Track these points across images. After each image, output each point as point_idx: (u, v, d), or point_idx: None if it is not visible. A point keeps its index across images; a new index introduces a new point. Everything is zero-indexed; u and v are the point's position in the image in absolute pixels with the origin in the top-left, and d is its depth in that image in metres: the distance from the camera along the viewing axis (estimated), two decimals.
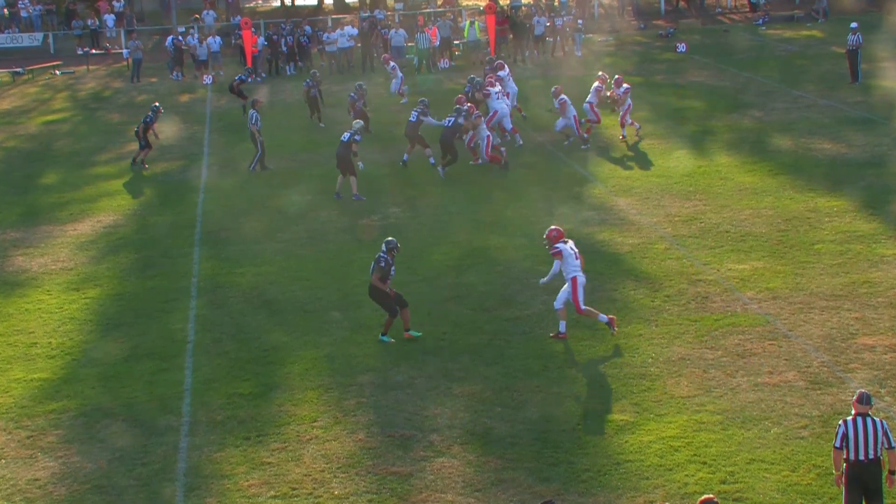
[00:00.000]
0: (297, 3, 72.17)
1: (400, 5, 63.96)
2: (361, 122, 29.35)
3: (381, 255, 19.15)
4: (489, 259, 23.26)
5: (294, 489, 14.70)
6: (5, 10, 62.50)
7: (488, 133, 30.30)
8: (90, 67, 53.32)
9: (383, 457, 15.46)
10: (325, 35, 50.61)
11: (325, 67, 49.52)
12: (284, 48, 49.60)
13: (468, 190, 28.64)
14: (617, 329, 19.08)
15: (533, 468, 14.96)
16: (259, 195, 28.91)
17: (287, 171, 31.08)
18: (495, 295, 21.27)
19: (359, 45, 50.42)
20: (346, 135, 27.98)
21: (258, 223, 26.43)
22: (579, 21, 51.90)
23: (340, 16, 60.44)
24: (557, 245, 19.12)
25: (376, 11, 57.22)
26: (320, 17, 60.91)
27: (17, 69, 51.61)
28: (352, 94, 34.49)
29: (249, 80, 36.92)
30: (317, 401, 17.24)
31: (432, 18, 53.52)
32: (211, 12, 58.71)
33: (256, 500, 14.49)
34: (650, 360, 18.09)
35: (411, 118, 30.48)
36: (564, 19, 51.90)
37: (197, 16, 58.19)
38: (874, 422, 12.45)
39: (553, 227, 19.63)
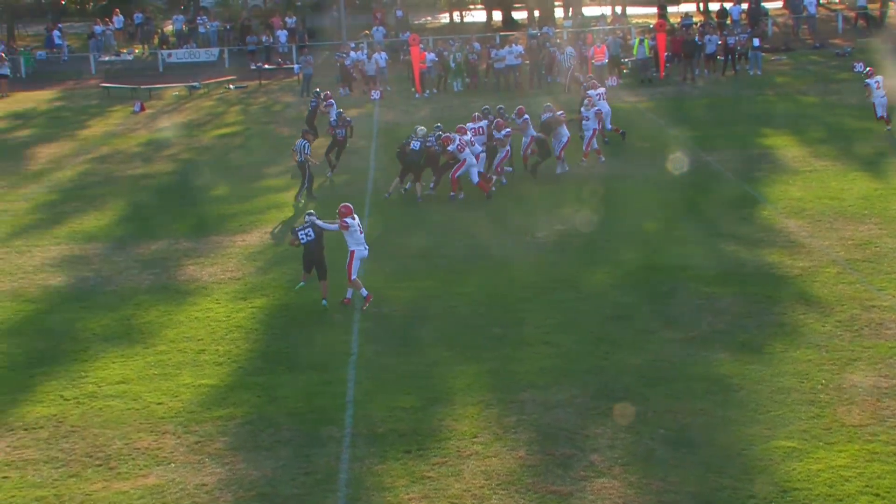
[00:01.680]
0: (465, 19, 72.63)
1: (569, 23, 63.84)
2: (423, 128, 30.84)
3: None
4: (653, 278, 22.93)
5: None
6: (185, 27, 64.48)
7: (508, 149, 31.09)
8: (262, 82, 54.54)
9: (543, 475, 15.33)
10: (494, 52, 50.80)
11: (492, 84, 49.70)
12: (453, 65, 49.92)
13: (633, 207, 28.34)
14: (367, 306, 21.50)
15: (696, 493, 14.65)
16: (423, 210, 29.07)
17: (449, 187, 31.15)
18: (659, 315, 20.96)
19: (526, 62, 50.47)
20: (415, 143, 29.62)
21: (421, 238, 26.57)
22: (755, 40, 50.83)
23: (509, 33, 60.58)
24: (346, 219, 21.84)
25: (545, 28, 57.18)
26: (488, 34, 61.16)
27: (194, 83, 53.10)
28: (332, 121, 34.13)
29: (316, 102, 36.66)
30: (477, 416, 17.20)
31: (601, 36, 53.23)
32: (380, 28, 59.53)
33: None
34: (820, 386, 17.58)
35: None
36: (737, 38, 51.02)
37: (367, 32, 59.08)
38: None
39: (344, 203, 22.19)
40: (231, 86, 53.70)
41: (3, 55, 56.10)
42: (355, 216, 22.16)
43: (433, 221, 27.98)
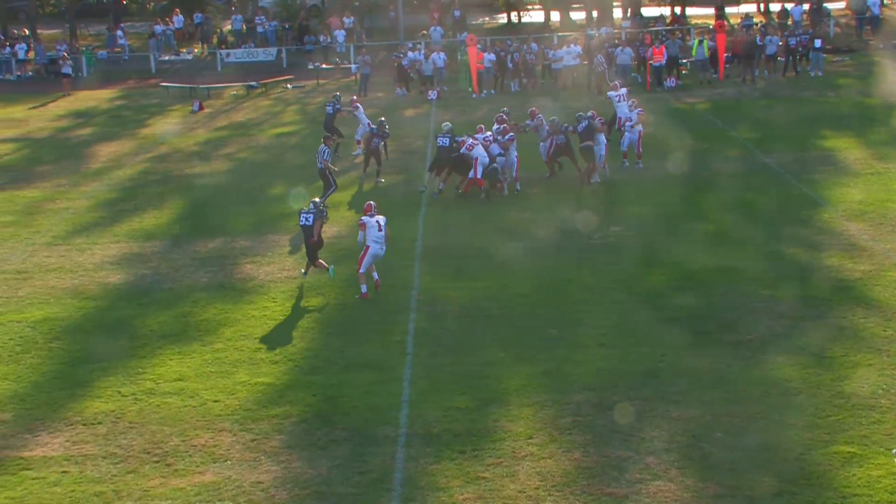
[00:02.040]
0: (523, 20, 72.53)
1: (627, 23, 63.54)
2: (449, 123, 31.23)
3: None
4: (710, 281, 22.75)
5: None
6: (243, 26, 64.88)
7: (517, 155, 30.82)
8: (320, 81, 54.74)
9: (598, 477, 15.27)
10: (551, 52, 50.67)
11: (549, 85, 49.58)
12: (510, 65, 49.85)
13: (690, 209, 28.16)
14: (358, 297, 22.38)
15: (753, 497, 14.54)
16: (479, 211, 29.04)
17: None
18: (715, 318, 20.80)
19: (584, 62, 50.30)
20: (443, 139, 30.30)
21: (477, 238, 26.53)
22: (817, 41, 50.23)
23: (567, 33, 60.38)
24: (364, 217, 22.51)
25: (603, 29, 56.95)
26: (546, 35, 61.02)
27: (252, 83, 53.39)
28: (372, 128, 33.60)
29: (332, 107, 36.43)
30: (532, 417, 17.15)
31: (660, 36, 52.91)
32: (438, 28, 59.54)
33: None
34: (881, 391, 17.37)
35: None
36: (798, 38, 50.51)
37: (425, 32, 59.12)
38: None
39: (368, 202, 22.90)
40: (289, 85, 53.94)
41: (66, 54, 56.69)
42: (374, 214, 22.61)
43: (489, 222, 27.92)
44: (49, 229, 29.20)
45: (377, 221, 22.63)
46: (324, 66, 57.00)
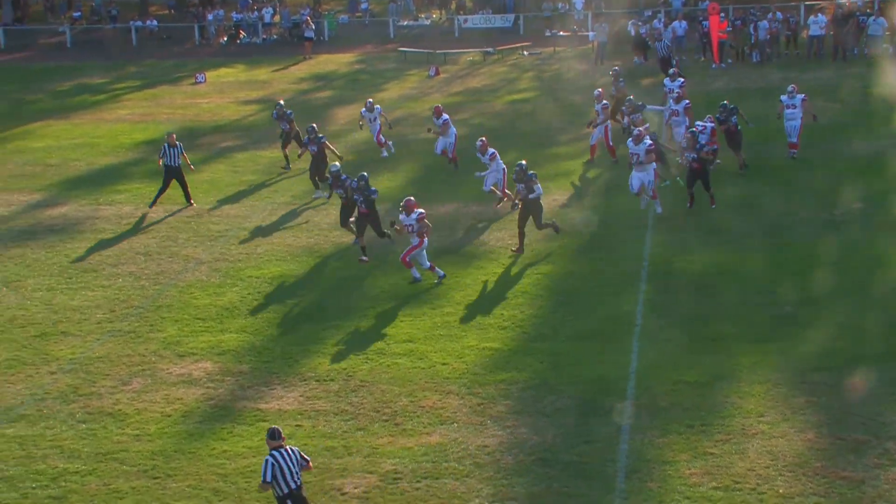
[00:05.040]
0: None
1: None
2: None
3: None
4: None
5: (737, 482, 14.33)
6: None
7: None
8: (556, 49, 54.50)
9: (833, 459, 14.77)
10: (794, 21, 49.06)
11: (794, 56, 48.07)
12: (752, 35, 48.47)
13: None
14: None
15: None
16: (716, 184, 28.37)
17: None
18: None
19: (831, 33, 48.55)
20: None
21: (713, 212, 25.96)
22: None
23: (814, 2, 58.39)
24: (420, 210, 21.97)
25: None
26: (792, 3, 59.16)
27: (488, 49, 53.58)
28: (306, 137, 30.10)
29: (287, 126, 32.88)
30: (764, 395, 16.71)
31: None
32: None
33: (697, 490, 14.24)
34: None
35: None
36: None
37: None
38: (290, 451, 12.99)
39: (409, 197, 22.46)
40: (525, 52, 53.89)
41: (309, 19, 58.05)
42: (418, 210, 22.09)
43: (726, 196, 27.26)
44: (288, 189, 30.03)
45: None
46: (561, 33, 56.74)
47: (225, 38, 62.01)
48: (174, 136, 28.96)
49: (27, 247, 25.87)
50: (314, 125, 30.00)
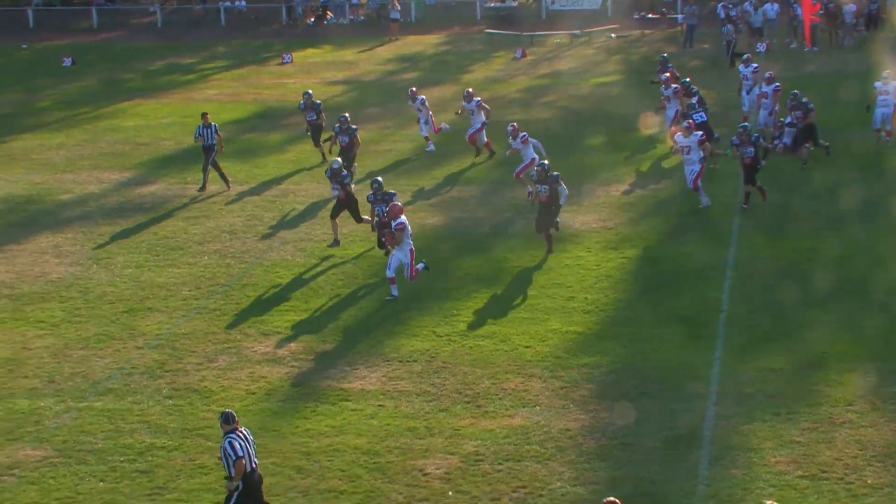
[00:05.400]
0: None
1: None
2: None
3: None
4: None
5: (824, 472, 14.13)
6: None
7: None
8: (645, 32, 54.03)
9: None
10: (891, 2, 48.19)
11: (891, 40, 47.15)
12: (849, 18, 47.56)
13: None
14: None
15: None
16: (804, 171, 27.97)
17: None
18: None
19: None
20: None
21: (798, 199, 25.60)
22: None
23: None
24: (401, 219, 20.66)
25: None
26: None
27: (575, 31, 53.26)
28: (335, 127, 29.36)
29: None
30: (853, 384, 16.45)
31: None
32: None
33: (783, 478, 14.06)
34: None
35: None
36: None
37: None
38: (246, 433, 13.00)
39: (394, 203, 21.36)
40: (612, 34, 53.49)
41: (396, 0, 58.15)
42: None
43: (810, 182, 26.87)
44: (371, 169, 30.11)
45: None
46: (650, 15, 56.23)
47: (312, 19, 62.36)
48: (208, 116, 29.02)
49: (117, 224, 26.25)
50: (346, 115, 29.31)
